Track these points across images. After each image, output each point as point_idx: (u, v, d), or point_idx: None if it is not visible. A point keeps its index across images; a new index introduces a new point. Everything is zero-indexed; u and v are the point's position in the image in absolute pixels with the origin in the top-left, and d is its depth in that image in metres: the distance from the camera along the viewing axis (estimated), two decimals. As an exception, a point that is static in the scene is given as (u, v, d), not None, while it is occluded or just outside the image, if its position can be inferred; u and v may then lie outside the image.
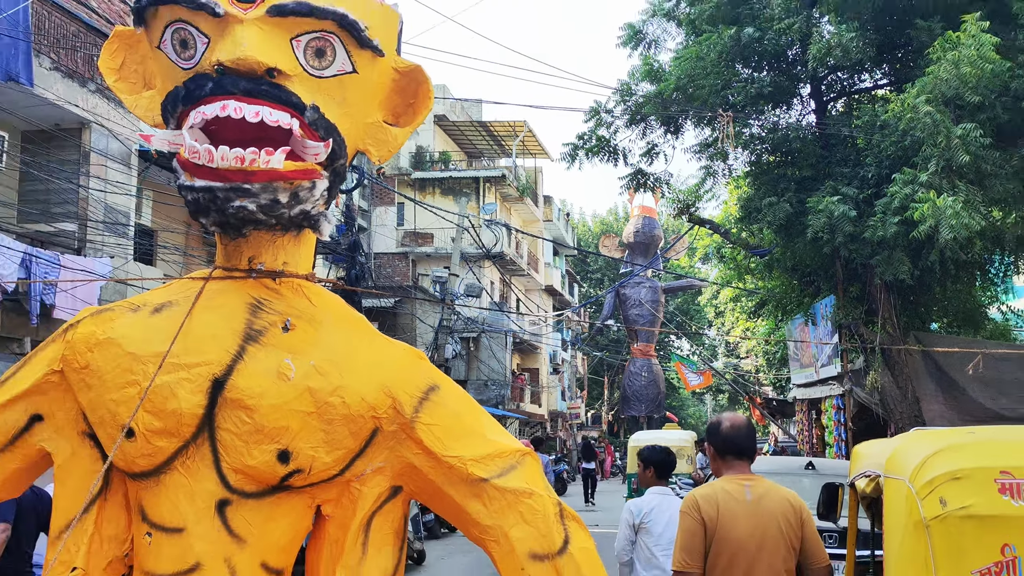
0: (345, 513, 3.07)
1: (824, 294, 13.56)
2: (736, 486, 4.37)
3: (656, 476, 6.27)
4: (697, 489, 4.57)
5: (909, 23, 10.85)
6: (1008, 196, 9.89)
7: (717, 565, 4.20)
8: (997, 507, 3.12)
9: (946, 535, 3.13)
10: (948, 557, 3.10)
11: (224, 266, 3.17)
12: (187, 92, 2.90)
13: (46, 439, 3.16)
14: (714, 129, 12.97)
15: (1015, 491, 3.13)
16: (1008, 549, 3.05)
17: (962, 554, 3.10)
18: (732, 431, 4.57)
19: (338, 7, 2.98)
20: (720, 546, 4.21)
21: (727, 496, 4.32)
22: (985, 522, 3.11)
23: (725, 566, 4.19)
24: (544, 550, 2.90)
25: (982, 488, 3.15)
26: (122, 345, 2.99)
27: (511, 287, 38.70)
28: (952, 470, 3.21)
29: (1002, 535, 3.07)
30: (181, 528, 2.91)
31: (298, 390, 2.90)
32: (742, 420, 4.89)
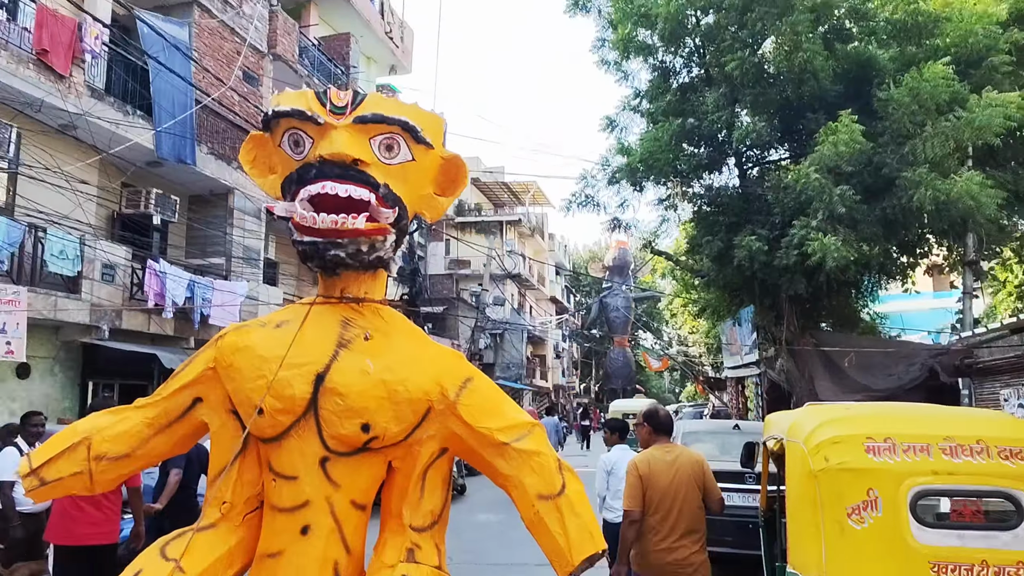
0: (408, 466, 3.10)
1: (746, 304, 13.51)
2: (662, 451, 4.65)
3: (620, 439, 6.44)
4: (637, 455, 4.83)
5: (802, 115, 10.93)
6: (872, 236, 9.94)
7: (652, 502, 4.43)
8: (864, 463, 3.14)
9: (828, 482, 3.17)
10: (831, 497, 3.14)
11: (323, 295, 3.23)
12: (298, 176, 2.98)
13: (204, 414, 3.20)
14: (667, 189, 13.04)
15: (876, 451, 3.16)
16: (871, 491, 3.07)
17: (840, 495, 3.12)
18: (663, 418, 4.89)
19: (402, 116, 3.05)
20: (653, 491, 4.44)
21: (656, 459, 4.58)
22: (856, 473, 3.13)
23: (657, 503, 4.42)
24: (548, 492, 2.93)
25: (853, 449, 3.18)
26: (255, 350, 3.04)
27: (525, 298, 38.84)
28: (832, 436, 3.24)
29: (867, 482, 3.09)
30: (296, 476, 2.95)
31: (375, 381, 2.94)
32: (667, 411, 5.16)
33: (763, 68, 11.06)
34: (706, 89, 11.88)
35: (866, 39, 10.92)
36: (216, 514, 3.15)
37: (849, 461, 3.14)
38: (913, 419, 3.45)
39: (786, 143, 12.22)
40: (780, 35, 10.16)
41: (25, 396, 10.37)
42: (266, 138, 3.25)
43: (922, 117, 9.15)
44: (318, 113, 3.01)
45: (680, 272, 15.76)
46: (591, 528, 2.95)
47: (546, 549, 2.93)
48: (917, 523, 3.03)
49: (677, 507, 4.39)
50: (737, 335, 16.23)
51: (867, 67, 10.51)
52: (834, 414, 3.54)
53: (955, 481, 3.10)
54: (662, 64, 12.84)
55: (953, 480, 3.09)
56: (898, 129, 9.45)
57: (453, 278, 32.26)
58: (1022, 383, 7.72)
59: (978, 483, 3.11)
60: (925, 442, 3.13)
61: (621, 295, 41.74)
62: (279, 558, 2.92)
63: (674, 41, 12.06)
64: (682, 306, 33.58)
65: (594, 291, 50.80)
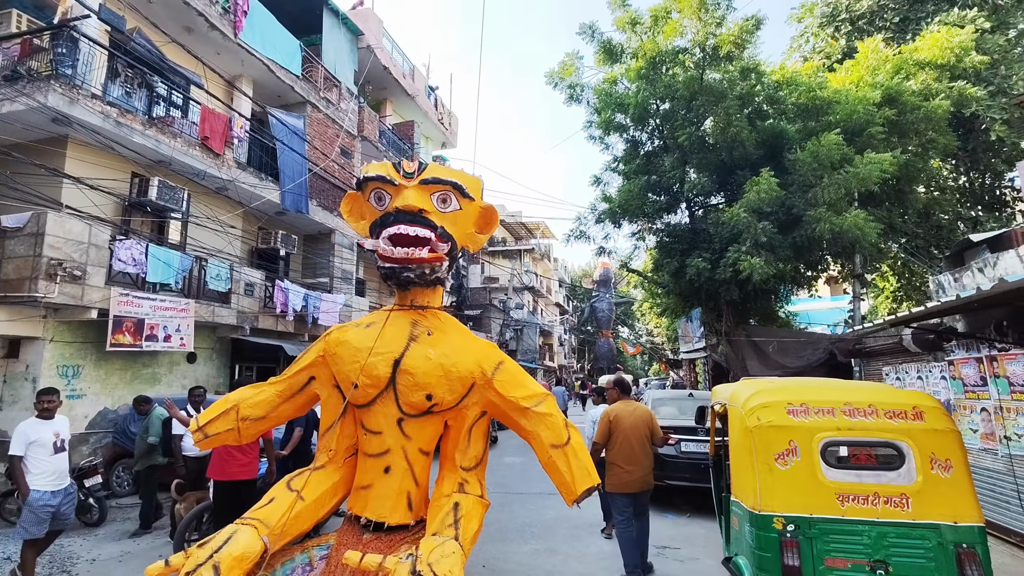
0: (459, 424, 3.08)
1: (695, 306, 13.32)
2: (625, 404, 4.94)
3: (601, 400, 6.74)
4: (608, 407, 5.09)
5: (733, 172, 10.81)
6: (786, 257, 9.76)
7: (615, 440, 4.73)
8: (786, 421, 3.08)
9: (760, 436, 3.12)
10: (762, 446, 3.09)
11: (398, 304, 3.24)
12: (381, 221, 2.99)
13: (317, 388, 3.22)
14: (638, 225, 12.95)
15: (795, 413, 3.08)
16: (792, 442, 3.00)
17: (769, 445, 3.07)
18: (625, 384, 5.23)
19: (453, 178, 3.06)
20: (616, 431, 4.75)
21: (621, 410, 4.88)
22: (780, 429, 3.07)
23: (621, 440, 4.71)
24: (558, 442, 2.90)
25: (778, 412, 3.12)
26: (351, 343, 3.05)
27: (537, 303, 38.63)
28: (762, 402, 3.18)
29: (789, 435, 3.03)
30: (380, 432, 2.94)
31: (435, 364, 2.93)
32: (628, 379, 5.58)
33: (704, 139, 10.96)
34: (664, 155, 11.81)
35: (778, 117, 10.80)
36: (325, 458, 3.16)
37: (775, 420, 3.07)
38: (821, 389, 3.36)
39: (722, 192, 12.10)
40: (717, 116, 10.07)
41: (192, 375, 10.50)
42: (358, 195, 3.29)
43: (821, 172, 8.99)
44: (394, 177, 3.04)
45: (648, 284, 15.58)
46: (589, 468, 2.91)
47: (556, 483, 2.90)
48: (826, 465, 2.95)
49: (633, 441, 4.70)
50: (690, 328, 16.03)
51: (779, 137, 10.38)
52: (763, 386, 3.49)
53: (853, 435, 3.02)
54: (632, 138, 12.78)
55: (852, 434, 3.01)
56: (803, 181, 9.30)
57: (486, 290, 32.16)
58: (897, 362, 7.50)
59: (870, 436, 3.03)
60: (831, 406, 3.06)
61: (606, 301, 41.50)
62: (369, 489, 2.92)
63: (641, 121, 12.00)
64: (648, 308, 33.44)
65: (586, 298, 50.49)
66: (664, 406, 7.72)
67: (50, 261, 7.44)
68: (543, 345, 40.82)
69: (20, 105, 7.56)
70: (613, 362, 41.19)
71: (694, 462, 6.64)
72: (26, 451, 4.38)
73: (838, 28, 14.58)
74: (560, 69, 12.62)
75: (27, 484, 4.33)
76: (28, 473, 4.36)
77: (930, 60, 9.96)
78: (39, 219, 7.50)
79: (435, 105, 20.73)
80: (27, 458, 4.38)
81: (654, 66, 10.92)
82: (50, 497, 4.39)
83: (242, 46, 11.12)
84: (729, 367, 12.40)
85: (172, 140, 9.43)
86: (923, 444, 2.88)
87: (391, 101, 18.55)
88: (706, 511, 6.71)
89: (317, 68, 13.70)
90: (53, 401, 4.59)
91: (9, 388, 7.88)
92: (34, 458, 4.40)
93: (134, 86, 9.50)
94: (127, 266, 8.41)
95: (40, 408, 4.56)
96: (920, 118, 9.62)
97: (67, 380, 8.18)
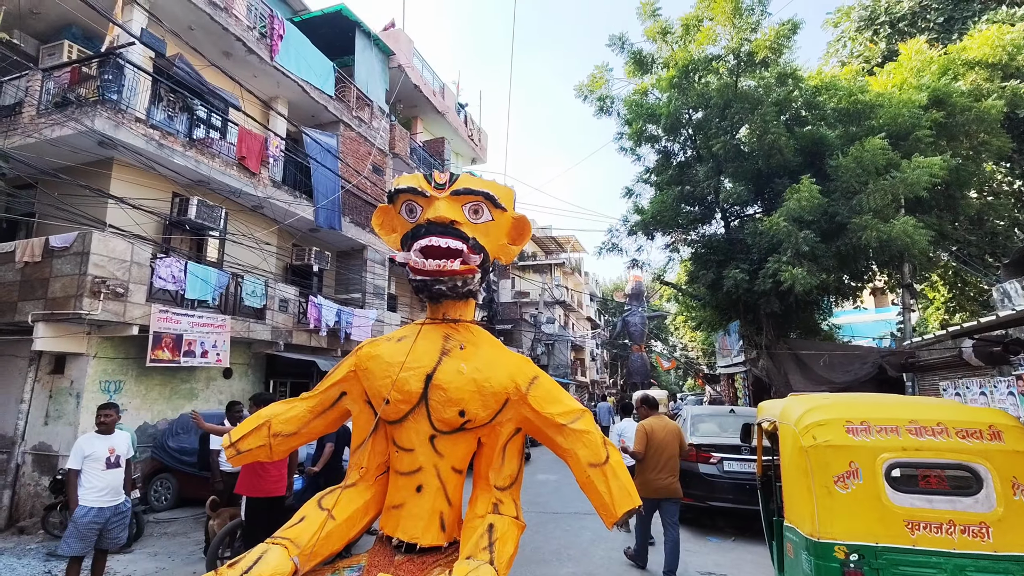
0: (492, 441, 2.98)
1: (733, 319, 12.93)
2: (657, 419, 5.41)
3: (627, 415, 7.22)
4: (643, 421, 5.51)
5: (771, 181, 10.50)
6: (829, 267, 9.38)
7: (650, 447, 5.13)
8: (845, 441, 2.85)
9: (817, 456, 2.90)
10: (819, 468, 2.88)
11: (430, 317, 3.18)
12: (413, 234, 2.94)
13: (348, 403, 3.17)
14: (672, 237, 12.69)
15: (855, 431, 2.85)
16: (852, 463, 2.77)
17: (827, 466, 2.84)
18: (654, 401, 5.71)
19: (485, 189, 2.99)
20: (652, 442, 5.17)
21: (654, 424, 5.33)
22: (839, 449, 2.85)
23: (655, 449, 5.12)
24: (596, 461, 2.78)
25: (836, 430, 2.89)
26: (383, 358, 2.99)
27: (568, 317, 38.34)
28: (817, 420, 2.96)
29: (849, 456, 2.80)
30: (412, 449, 2.86)
31: (468, 379, 2.85)
32: (653, 396, 5.88)
33: (740, 148, 10.70)
34: (697, 165, 11.57)
35: (817, 123, 10.47)
36: (356, 475, 3.09)
37: (833, 439, 2.85)
38: (882, 406, 3.10)
39: (759, 201, 11.77)
40: (753, 123, 9.80)
41: (228, 390, 10.66)
42: (390, 208, 3.25)
43: (865, 177, 8.63)
44: (425, 189, 2.99)
45: (683, 297, 15.23)
46: (629, 488, 2.76)
47: (595, 504, 2.75)
48: (892, 489, 2.71)
49: (665, 452, 5.12)
50: (727, 342, 15.56)
51: (819, 143, 10.04)
52: (817, 402, 3.24)
53: (921, 455, 2.76)
54: (664, 149, 12.58)
55: (919, 455, 2.76)
56: (846, 187, 8.94)
57: (517, 305, 32.09)
58: (956, 376, 7.05)
59: (941, 457, 2.77)
60: (894, 424, 2.82)
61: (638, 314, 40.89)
62: (401, 509, 2.83)
63: (673, 132, 11.81)
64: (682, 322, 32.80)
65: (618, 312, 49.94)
66: (704, 423, 7.41)
67: (94, 279, 7.68)
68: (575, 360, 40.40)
69: (69, 130, 7.89)
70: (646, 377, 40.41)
71: (738, 482, 6.33)
72: (82, 465, 4.41)
73: (876, 31, 14.16)
74: (589, 82, 12.56)
75: (76, 498, 4.36)
76: (80, 487, 4.37)
77: (980, 59, 9.52)
78: (84, 239, 7.77)
79: (465, 122, 20.94)
80: (83, 472, 4.41)
81: (686, 75, 10.75)
82: (96, 514, 4.37)
83: (278, 69, 11.44)
84: (771, 382, 11.93)
85: (211, 160, 9.70)
86: (1003, 467, 2.62)
87: (421, 118, 18.81)
88: (752, 534, 6.38)
89: (350, 88, 13.99)
90: (111, 415, 4.63)
91: (54, 403, 8.12)
92: (87, 471, 4.41)
93: (175, 109, 9.84)
94: (167, 283, 8.62)
95: (98, 422, 4.61)
96: (971, 119, 9.17)
97: (109, 395, 8.39)
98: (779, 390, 11.09)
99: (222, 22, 10.16)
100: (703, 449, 6.57)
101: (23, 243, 8.14)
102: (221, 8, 10.20)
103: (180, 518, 7.82)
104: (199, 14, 9.82)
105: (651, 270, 14.81)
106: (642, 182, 13.21)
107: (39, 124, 8.15)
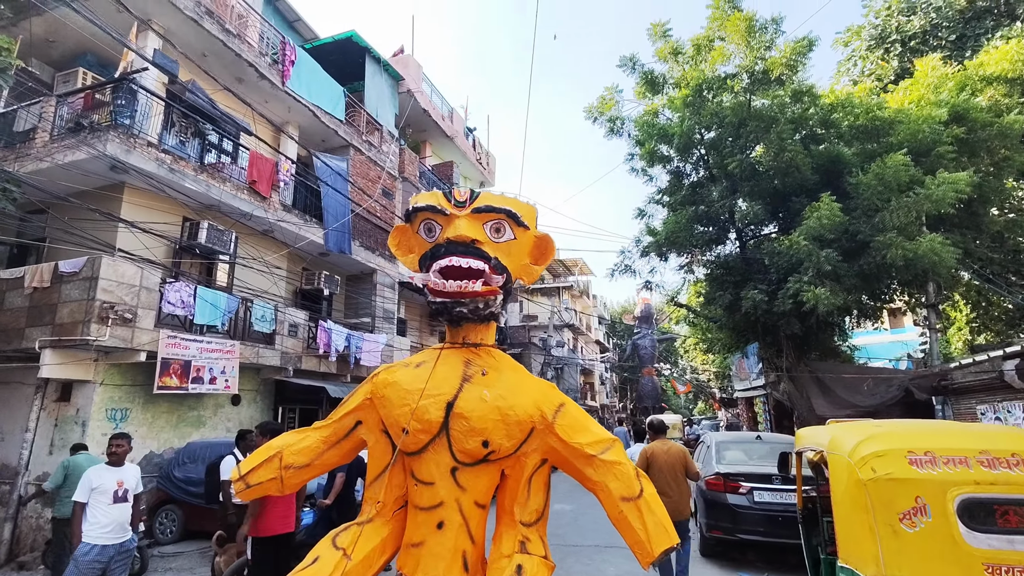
0: (517, 473, 2.79)
1: (751, 341, 12.65)
2: (661, 443, 5.45)
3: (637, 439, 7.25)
4: (646, 445, 5.63)
5: (788, 199, 10.35)
6: (852, 287, 9.14)
7: (651, 470, 5.16)
8: (908, 473, 2.59)
9: (878, 491, 2.63)
10: (881, 504, 2.61)
11: (450, 342, 3.02)
12: (432, 253, 2.81)
13: (364, 433, 3.00)
14: (686, 258, 12.53)
15: (919, 463, 2.59)
16: (919, 499, 2.51)
17: (890, 502, 2.58)
18: (661, 425, 5.69)
19: (507, 206, 2.86)
20: (653, 466, 5.24)
21: (657, 448, 5.41)
22: (902, 482, 2.59)
23: (656, 472, 5.15)
24: (629, 495, 2.57)
25: (897, 462, 2.63)
26: (401, 385, 2.83)
27: (577, 341, 38.03)
28: (876, 451, 2.71)
29: (915, 490, 2.53)
30: (432, 482, 2.68)
31: (491, 407, 2.68)
32: (661, 420, 5.79)
33: (755, 166, 10.59)
34: (711, 185, 11.47)
35: (833, 141, 10.35)
36: (372, 511, 2.88)
37: (895, 472, 2.60)
38: (944, 434, 2.85)
39: (774, 221, 11.63)
40: (769, 142, 9.70)
41: (236, 418, 10.46)
42: (407, 227, 3.10)
43: (887, 195, 8.46)
44: (445, 207, 2.84)
45: (697, 319, 14.98)
46: (666, 524, 2.54)
47: (629, 541, 2.54)
48: (966, 528, 2.45)
49: (667, 475, 5.16)
50: (745, 365, 15.23)
51: (836, 161, 9.92)
52: (872, 430, 2.98)
53: (997, 490, 2.50)
54: (677, 169, 12.51)
55: (995, 489, 2.50)
56: (867, 205, 8.77)
57: (526, 328, 31.87)
58: (996, 400, 6.75)
59: (1020, 492, 2.51)
60: (963, 455, 2.57)
61: (648, 337, 40.57)
62: (421, 547, 2.62)
63: (685, 151, 11.75)
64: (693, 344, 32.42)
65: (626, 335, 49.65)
66: (729, 450, 7.07)
67: (103, 304, 7.58)
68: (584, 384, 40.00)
69: (82, 154, 7.89)
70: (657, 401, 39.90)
71: (770, 514, 5.99)
72: (89, 498, 4.21)
73: (888, 50, 14.15)
74: (599, 103, 12.57)
75: (80, 534, 4.14)
76: (84, 522, 4.16)
77: (999, 74, 9.41)
78: (94, 263, 7.69)
79: (473, 145, 21.07)
80: (88, 505, 4.20)
81: (700, 93, 10.71)
82: (98, 552, 4.14)
83: (289, 94, 11.52)
84: (793, 406, 11.60)
85: (222, 184, 9.68)
86: (1091, 503, 2.37)
87: (430, 142, 18.92)
88: (786, 569, 6.03)
89: (360, 112, 14.09)
90: (122, 446, 4.42)
91: (60, 432, 7.95)
92: (93, 505, 4.20)
93: (187, 134, 9.88)
94: (176, 308, 8.51)
95: (108, 453, 4.41)
96: (993, 135, 9.03)
97: (115, 423, 8.22)
98: (802, 414, 10.75)
99: (235, 49, 10.26)
100: (731, 478, 6.24)
101: (32, 268, 8.08)
102: (234, 35, 10.31)
103: (186, 552, 7.55)
104: (213, 41, 9.92)
105: (665, 292, 14.64)
106: (654, 203, 13.11)
107: (51, 149, 8.16)
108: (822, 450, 3.20)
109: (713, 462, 6.77)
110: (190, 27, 9.55)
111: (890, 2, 14.18)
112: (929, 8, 13.66)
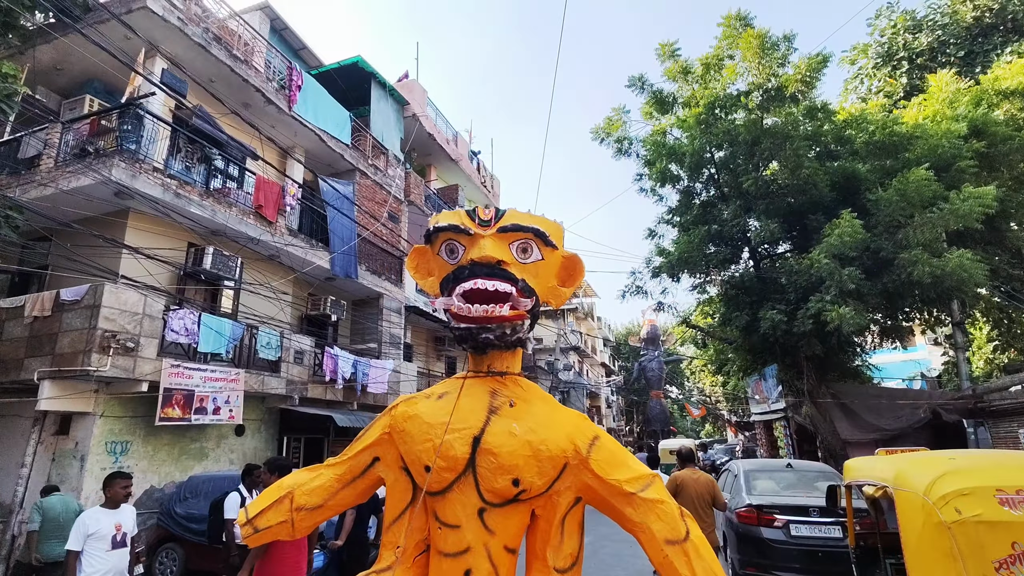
0: (549, 514, 2.52)
1: (769, 363, 12.32)
2: (689, 471, 5.35)
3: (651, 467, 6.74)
4: (675, 473, 5.48)
5: (804, 217, 10.18)
6: (877, 306, 8.87)
7: (681, 501, 4.79)
8: (1001, 515, 2.29)
9: (965, 535, 2.33)
10: (971, 551, 2.31)
11: (474, 370, 2.77)
12: (455, 276, 2.59)
13: (381, 470, 2.73)
14: (699, 278, 12.32)
15: (1011, 504, 2.30)
16: (1017, 545, 2.21)
17: (982, 549, 2.27)
18: (688, 453, 5.59)
19: (534, 225, 2.67)
20: (682, 495, 5.09)
21: (685, 476, 5.29)
22: (994, 526, 2.29)
23: (684, 501, 4.92)
24: (675, 537, 2.29)
25: (986, 502, 2.34)
26: (422, 418, 2.58)
27: (583, 363, 37.59)
28: (959, 489, 2.41)
29: (1011, 535, 2.23)
30: (458, 525, 2.41)
31: (522, 442, 2.42)
32: (688, 448, 5.70)
33: (770, 184, 10.43)
34: (722, 204, 11.32)
35: (848, 157, 10.21)
36: (391, 557, 2.60)
37: (985, 514, 2.31)
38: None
39: (790, 240, 11.42)
40: (785, 158, 9.55)
41: (240, 449, 10.14)
42: (426, 249, 2.90)
43: (910, 210, 8.26)
44: (469, 226, 2.64)
45: (711, 340, 14.66)
46: (715, 570, 2.26)
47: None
48: (1075, 577, 2.17)
49: (697, 503, 5.03)
50: (763, 387, 14.83)
51: (851, 178, 9.76)
52: (948, 465, 2.68)
53: (1105, 534, 2.23)
54: (687, 188, 12.37)
55: (1103, 533, 2.23)
56: (889, 221, 8.56)
57: (532, 352, 31.55)
58: (1040, 423, 6.41)
59: None
60: (1060, 493, 2.31)
61: (655, 359, 40.13)
62: (445, 599, 2.35)
63: (696, 170, 11.63)
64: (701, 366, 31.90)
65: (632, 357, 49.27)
66: (759, 479, 6.68)
67: (104, 333, 7.36)
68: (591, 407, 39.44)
69: (87, 179, 7.77)
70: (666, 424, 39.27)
71: (809, 550, 5.62)
72: (84, 545, 3.90)
73: (895, 67, 14.13)
74: (606, 124, 12.50)
75: None
76: (79, 571, 3.87)
77: (1016, 88, 9.29)
78: (96, 291, 7.50)
79: (478, 168, 21.07)
80: (83, 553, 3.90)
81: (711, 111, 10.62)
82: None
83: (296, 118, 11.49)
84: (816, 430, 11.21)
85: (228, 209, 9.55)
86: None
87: (435, 166, 18.91)
88: (826, 609, 5.64)
89: (366, 137, 14.06)
90: (129, 487, 4.15)
91: (57, 467, 7.66)
92: (89, 553, 3.91)
93: (193, 159, 9.80)
94: (180, 336, 8.29)
95: (110, 494, 4.09)
96: (1014, 149, 8.86)
97: (115, 457, 7.93)
98: (826, 439, 10.38)
99: (242, 74, 10.25)
100: (765, 511, 5.88)
101: (33, 297, 7.89)
102: (241, 61, 10.31)
103: (185, 594, 7.18)
104: (220, 67, 9.91)
105: (677, 313, 14.35)
106: (664, 223, 12.94)
107: (56, 175, 8.06)
108: (885, 486, 2.91)
109: (743, 492, 6.41)
110: (197, 52, 9.54)
111: (895, 20, 14.21)
112: (935, 25, 13.67)
